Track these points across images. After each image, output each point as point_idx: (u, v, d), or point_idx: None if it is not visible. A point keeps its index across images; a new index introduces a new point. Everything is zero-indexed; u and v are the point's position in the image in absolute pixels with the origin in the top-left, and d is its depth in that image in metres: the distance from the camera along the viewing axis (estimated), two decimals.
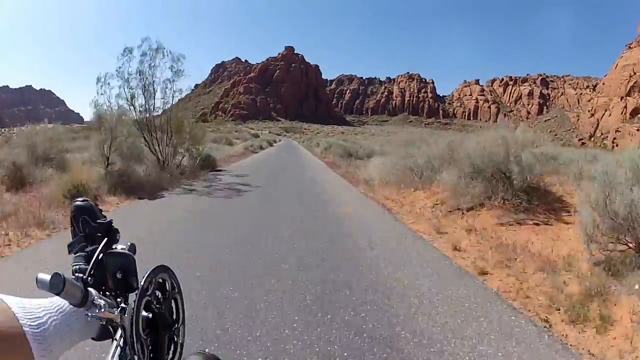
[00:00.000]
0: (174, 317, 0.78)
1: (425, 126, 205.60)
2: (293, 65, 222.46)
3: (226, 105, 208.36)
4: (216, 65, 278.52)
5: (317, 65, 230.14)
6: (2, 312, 0.49)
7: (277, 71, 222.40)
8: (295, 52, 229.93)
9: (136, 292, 0.68)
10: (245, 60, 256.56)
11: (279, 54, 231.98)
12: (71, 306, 0.59)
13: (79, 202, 0.73)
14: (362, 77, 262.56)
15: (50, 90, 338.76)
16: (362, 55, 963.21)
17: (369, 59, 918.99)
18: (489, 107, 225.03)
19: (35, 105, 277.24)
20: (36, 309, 0.55)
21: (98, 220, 0.72)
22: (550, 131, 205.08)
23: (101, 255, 0.69)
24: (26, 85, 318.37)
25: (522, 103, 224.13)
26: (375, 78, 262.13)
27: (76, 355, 2.00)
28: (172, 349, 0.75)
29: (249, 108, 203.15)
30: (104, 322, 0.64)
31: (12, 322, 0.49)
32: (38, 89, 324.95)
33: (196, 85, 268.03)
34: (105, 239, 0.71)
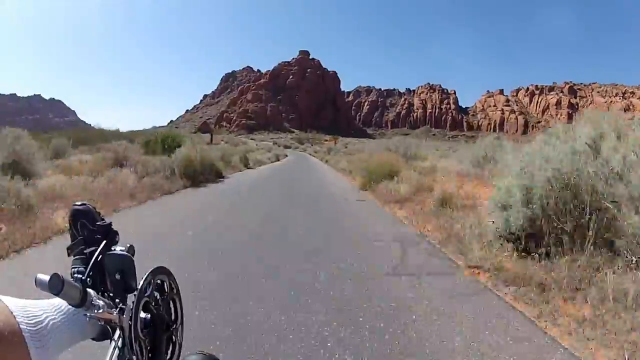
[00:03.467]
0: (173, 317, 0.79)
1: (449, 139, 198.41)
2: (309, 70, 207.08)
3: (232, 115, 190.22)
4: (226, 74, 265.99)
5: (334, 72, 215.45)
6: (0, 311, 0.49)
7: (291, 77, 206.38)
8: (310, 57, 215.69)
9: (135, 293, 0.69)
10: (258, 70, 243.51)
11: (292, 58, 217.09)
12: (70, 307, 0.60)
13: (77, 205, 0.73)
14: (380, 89, 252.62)
15: (60, 100, 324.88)
16: (379, 67, 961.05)
17: (387, 70, 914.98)
18: (516, 118, 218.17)
19: (43, 114, 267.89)
20: (34, 308, 0.55)
21: (97, 223, 0.73)
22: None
23: (100, 256, 0.70)
24: (35, 94, 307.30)
25: (549, 113, 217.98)
26: (394, 89, 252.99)
27: (74, 356, 1.98)
28: (170, 349, 0.77)
29: (257, 117, 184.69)
30: (103, 323, 0.65)
31: (10, 321, 0.49)
32: (47, 99, 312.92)
33: (205, 96, 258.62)
34: (104, 241, 0.72)
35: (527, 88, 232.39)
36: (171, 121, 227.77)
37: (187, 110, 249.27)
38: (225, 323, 2.78)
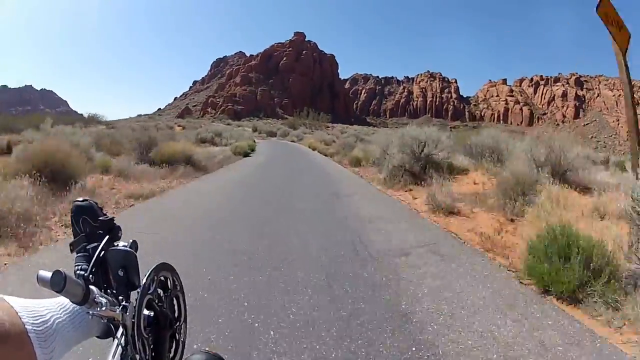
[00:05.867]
0: (176, 315, 0.79)
1: (451, 130, 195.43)
2: (304, 52, 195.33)
3: (218, 100, 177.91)
4: (217, 59, 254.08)
5: (332, 55, 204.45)
6: (5, 312, 0.50)
7: (284, 58, 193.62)
8: (306, 39, 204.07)
9: (138, 290, 0.69)
10: (250, 55, 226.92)
11: (287, 40, 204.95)
12: (74, 305, 0.61)
13: (78, 201, 0.74)
14: (378, 77, 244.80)
15: (51, 91, 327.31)
16: (377, 54, 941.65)
17: (385, 57, 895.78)
18: (520, 109, 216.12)
19: (35, 105, 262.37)
20: (39, 308, 0.56)
21: (100, 218, 0.73)
22: (592, 137, 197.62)
23: (102, 252, 0.70)
24: (26, 85, 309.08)
25: (555, 105, 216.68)
26: (392, 77, 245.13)
27: (77, 354, 2.04)
28: (173, 347, 0.77)
29: (246, 102, 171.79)
30: (106, 321, 0.65)
31: (16, 321, 0.50)
32: (39, 89, 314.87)
33: (194, 82, 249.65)
34: (107, 236, 0.72)
35: (532, 78, 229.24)
36: (159, 109, 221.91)
37: (176, 98, 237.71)
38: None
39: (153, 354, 0.70)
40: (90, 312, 0.62)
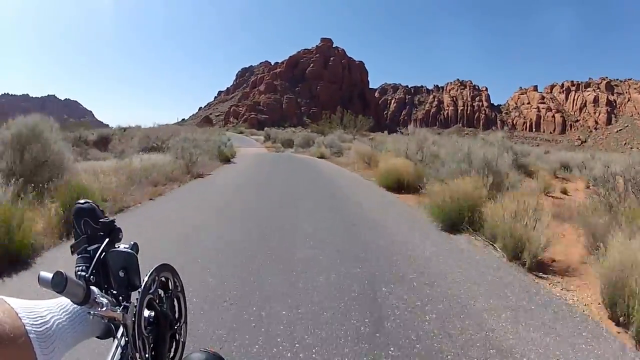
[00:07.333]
0: (176, 315, 0.81)
1: (483, 140, 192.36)
2: (332, 59, 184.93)
3: (240, 109, 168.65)
4: (242, 69, 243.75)
5: (362, 62, 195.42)
6: (5, 313, 0.51)
7: (312, 65, 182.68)
8: (334, 45, 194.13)
9: (139, 290, 0.70)
10: (276, 63, 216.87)
11: (313, 46, 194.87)
12: (74, 306, 0.62)
13: (80, 203, 0.75)
14: (407, 86, 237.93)
15: (75, 101, 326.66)
16: (405, 63, 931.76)
17: (413, 66, 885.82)
18: (553, 116, 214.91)
19: (58, 115, 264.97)
20: (39, 309, 0.57)
21: (100, 220, 0.74)
22: (625, 143, 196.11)
23: (103, 253, 0.71)
24: (49, 95, 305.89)
25: (587, 111, 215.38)
26: (422, 86, 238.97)
27: (77, 354, 2.07)
28: (173, 347, 0.78)
29: (271, 111, 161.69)
30: (106, 321, 0.66)
31: (16, 322, 0.51)
32: (62, 99, 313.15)
33: (219, 92, 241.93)
34: (108, 238, 0.73)
35: (562, 84, 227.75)
36: (182, 119, 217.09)
37: (200, 108, 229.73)
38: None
39: (153, 353, 0.71)
40: (91, 312, 0.62)
